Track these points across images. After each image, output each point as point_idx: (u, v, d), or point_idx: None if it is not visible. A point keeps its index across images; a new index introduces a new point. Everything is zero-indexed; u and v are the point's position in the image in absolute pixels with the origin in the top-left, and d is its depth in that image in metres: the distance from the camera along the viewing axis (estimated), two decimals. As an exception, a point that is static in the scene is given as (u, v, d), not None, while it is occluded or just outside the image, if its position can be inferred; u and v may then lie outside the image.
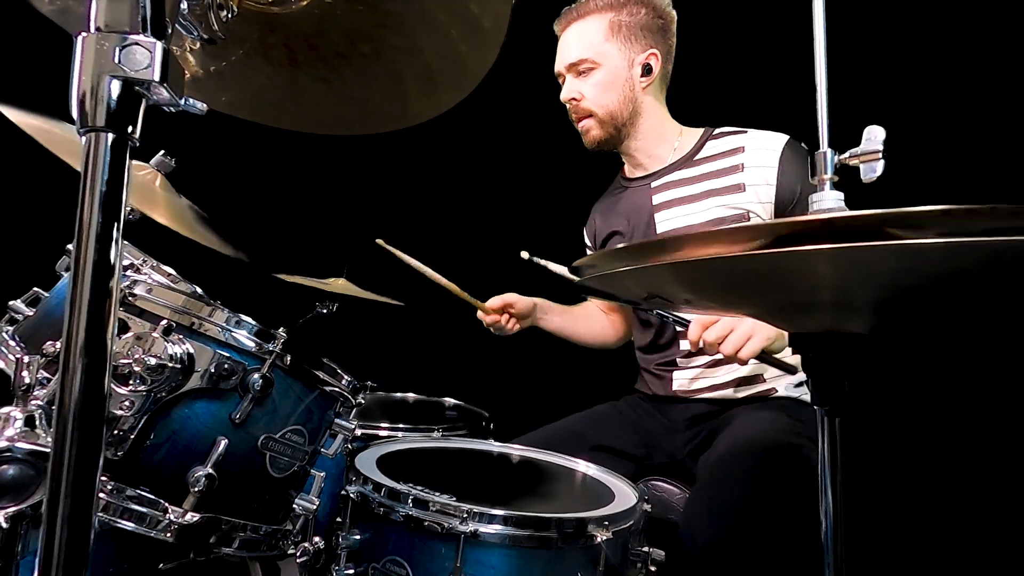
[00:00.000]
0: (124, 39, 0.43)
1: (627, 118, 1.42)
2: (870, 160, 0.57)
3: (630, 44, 1.38)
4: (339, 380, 0.96)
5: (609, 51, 1.38)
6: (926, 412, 1.82)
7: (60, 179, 0.79)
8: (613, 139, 1.44)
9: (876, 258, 0.43)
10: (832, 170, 0.59)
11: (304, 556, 0.97)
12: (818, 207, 0.58)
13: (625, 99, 1.40)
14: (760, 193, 1.30)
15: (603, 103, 1.40)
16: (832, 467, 0.62)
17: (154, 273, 0.94)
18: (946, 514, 1.80)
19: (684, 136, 1.45)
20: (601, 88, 1.40)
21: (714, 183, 1.35)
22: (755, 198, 1.30)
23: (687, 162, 1.41)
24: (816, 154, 0.60)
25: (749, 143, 1.35)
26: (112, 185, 0.43)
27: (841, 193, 0.58)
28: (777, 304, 0.61)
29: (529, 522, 0.84)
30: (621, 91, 1.40)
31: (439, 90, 0.75)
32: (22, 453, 0.66)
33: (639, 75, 1.39)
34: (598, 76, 1.39)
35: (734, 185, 1.33)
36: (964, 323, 1.43)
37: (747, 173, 1.32)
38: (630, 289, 0.65)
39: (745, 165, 1.32)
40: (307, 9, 0.66)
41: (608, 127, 1.43)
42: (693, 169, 1.39)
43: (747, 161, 1.33)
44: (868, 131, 0.58)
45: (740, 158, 1.34)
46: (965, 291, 0.51)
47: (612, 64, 1.39)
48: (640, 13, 1.38)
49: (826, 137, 0.60)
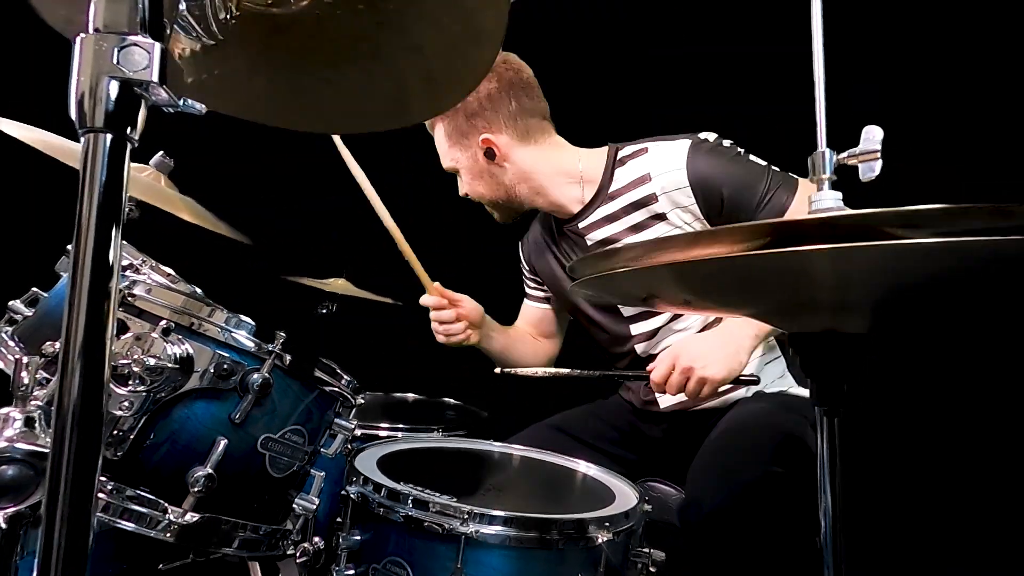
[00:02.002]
0: (123, 40, 0.43)
1: (507, 195, 1.43)
2: (868, 160, 0.58)
3: (465, 140, 1.39)
4: (339, 380, 0.96)
5: (455, 155, 1.42)
6: (925, 412, 1.82)
7: (59, 179, 0.79)
8: (516, 210, 1.47)
9: (875, 258, 0.43)
10: (831, 170, 0.59)
11: (304, 556, 0.97)
12: (817, 207, 0.58)
13: (494, 185, 1.42)
14: (681, 216, 1.28)
15: (480, 194, 1.45)
16: (831, 467, 0.62)
17: (153, 273, 0.94)
18: (946, 514, 1.79)
19: (586, 163, 1.39)
20: (472, 184, 1.44)
21: (635, 218, 1.33)
22: (680, 222, 1.29)
23: (603, 198, 1.37)
24: (815, 154, 0.60)
25: (653, 167, 1.31)
26: (111, 186, 0.43)
27: (839, 193, 0.58)
28: (777, 304, 0.61)
29: (530, 523, 0.84)
30: (485, 180, 1.42)
31: (440, 89, 0.75)
32: (21, 453, 0.66)
33: (487, 161, 1.39)
34: (464, 175, 1.44)
35: (654, 216, 1.31)
36: (963, 323, 1.43)
37: (661, 201, 1.29)
38: (629, 290, 0.65)
39: (657, 194, 1.29)
40: (307, 9, 0.66)
41: (503, 208, 1.47)
42: (610, 205, 1.37)
43: (657, 189, 1.29)
44: (866, 131, 0.58)
45: (649, 188, 1.31)
46: (964, 291, 0.51)
47: (464, 164, 1.42)
48: (459, 113, 1.38)
49: (824, 137, 0.60)
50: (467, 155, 1.41)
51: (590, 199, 1.39)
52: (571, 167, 1.40)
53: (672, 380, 1.13)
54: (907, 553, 1.81)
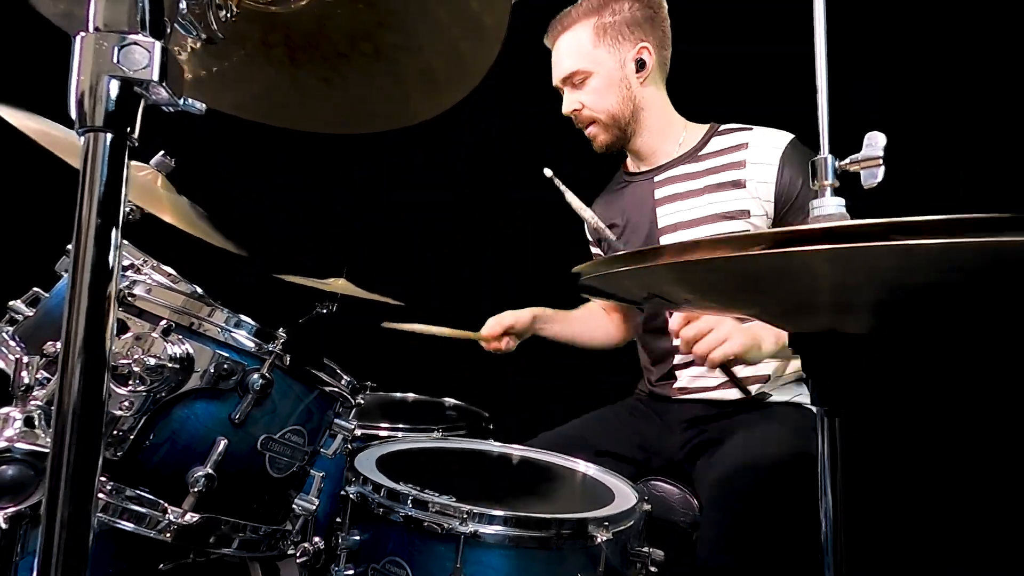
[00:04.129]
0: (123, 39, 0.43)
1: (630, 117, 1.42)
2: (871, 166, 0.57)
3: (619, 43, 1.38)
4: (339, 380, 0.96)
5: (600, 56, 1.38)
6: (926, 412, 1.82)
7: (60, 179, 0.79)
8: (620, 140, 1.45)
9: (876, 259, 0.43)
10: (833, 176, 0.59)
11: (304, 556, 0.97)
12: (819, 213, 0.58)
13: (624, 99, 1.40)
14: (759, 191, 1.30)
15: (604, 108, 1.41)
16: (832, 468, 0.62)
17: (154, 273, 0.94)
18: (946, 514, 1.79)
19: (689, 131, 1.44)
20: (599, 94, 1.40)
21: (716, 178, 1.35)
22: (755, 195, 1.30)
23: (691, 157, 1.41)
24: (817, 160, 0.60)
25: (753, 140, 1.34)
26: (111, 185, 0.43)
27: (842, 199, 0.58)
28: (777, 304, 0.61)
29: (529, 523, 0.84)
30: (619, 92, 1.40)
31: (440, 89, 0.75)
32: (21, 453, 0.66)
33: (634, 72, 1.39)
34: (594, 83, 1.40)
35: (734, 181, 1.32)
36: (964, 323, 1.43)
37: (748, 170, 1.32)
38: (630, 289, 0.65)
39: (747, 162, 1.32)
40: (307, 8, 0.66)
41: (613, 130, 1.43)
42: (696, 164, 1.39)
43: (749, 158, 1.32)
44: (869, 137, 0.58)
45: (743, 154, 1.34)
46: (965, 291, 0.51)
47: (605, 68, 1.38)
48: (624, 9, 1.38)
49: (827, 143, 0.60)
50: (613, 58, 1.38)
51: (679, 156, 1.42)
52: (678, 126, 1.44)
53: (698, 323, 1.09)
54: (907, 553, 1.81)
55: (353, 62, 0.71)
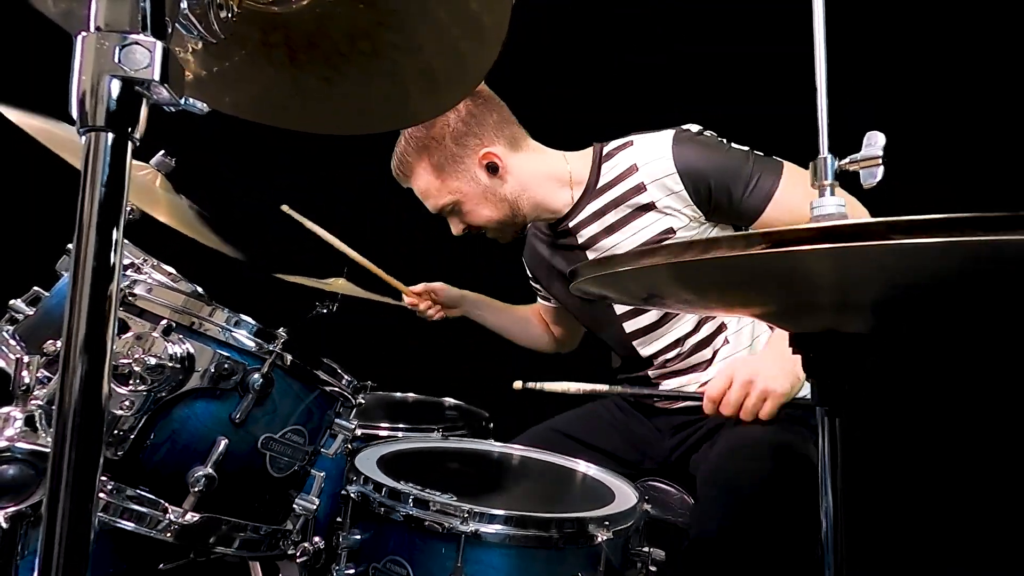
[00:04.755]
0: (124, 38, 0.43)
1: (511, 212, 1.39)
2: (870, 166, 0.57)
3: (459, 166, 1.35)
4: (339, 380, 0.96)
5: (452, 186, 1.36)
6: (926, 412, 1.82)
7: (60, 179, 0.79)
8: (519, 228, 1.44)
9: (876, 259, 0.43)
10: (832, 176, 0.58)
11: (304, 556, 0.97)
12: (819, 213, 0.58)
13: (498, 204, 1.38)
14: (671, 203, 1.27)
15: (485, 219, 1.39)
16: (832, 467, 0.62)
17: (154, 273, 0.94)
18: (946, 514, 1.79)
19: (573, 164, 1.39)
20: (474, 213, 1.39)
21: (625, 208, 1.31)
22: (670, 209, 1.27)
23: (592, 193, 1.36)
24: (817, 159, 0.59)
25: (639, 157, 1.30)
26: (112, 185, 0.43)
27: (842, 199, 0.58)
28: (777, 304, 0.61)
29: (529, 522, 0.84)
30: (489, 202, 1.37)
31: (440, 89, 0.75)
32: (22, 453, 0.66)
33: (488, 178, 1.36)
34: (464, 207, 1.38)
35: (644, 205, 1.29)
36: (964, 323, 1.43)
37: (650, 190, 1.27)
38: (630, 289, 0.65)
39: (645, 184, 1.28)
40: (307, 8, 0.66)
41: (507, 229, 1.42)
42: (600, 199, 1.35)
43: (645, 179, 1.28)
44: (868, 137, 0.58)
45: (637, 178, 1.29)
46: (965, 291, 0.51)
47: (464, 191, 1.36)
48: (444, 137, 1.33)
49: (826, 142, 0.60)
50: (466, 179, 1.36)
51: (579, 198, 1.38)
52: (560, 169, 1.39)
53: (731, 396, 1.05)
54: (907, 553, 1.81)
55: (353, 62, 0.71)
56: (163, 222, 1.06)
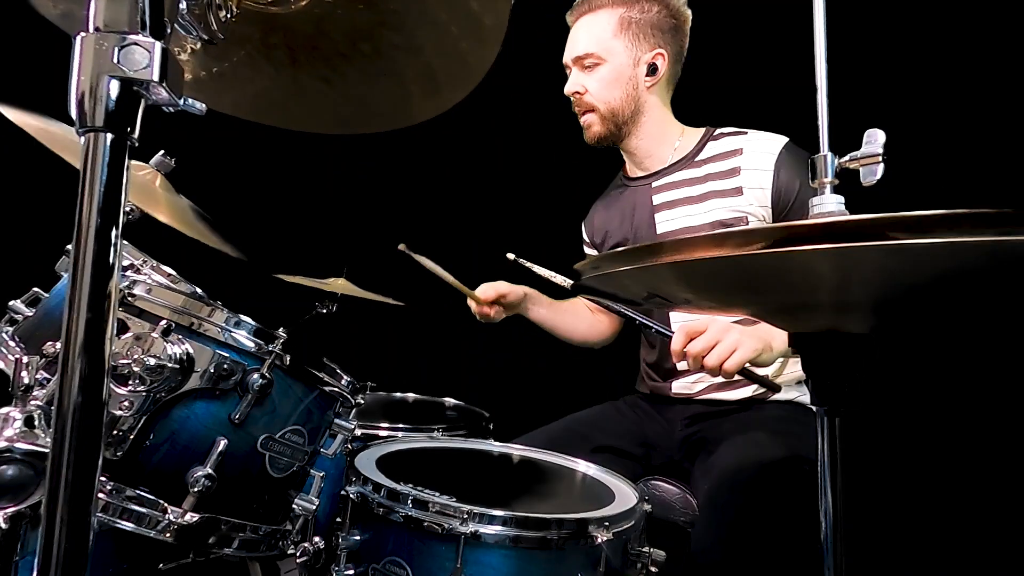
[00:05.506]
0: (123, 39, 0.43)
1: (629, 116, 1.41)
2: (870, 163, 0.57)
3: (638, 42, 1.37)
4: (339, 380, 0.96)
5: (616, 47, 1.37)
6: (926, 412, 1.82)
7: (60, 179, 0.79)
8: (613, 136, 1.44)
9: (876, 258, 0.43)
10: (832, 173, 0.59)
11: (304, 556, 0.97)
12: (819, 211, 0.58)
13: (628, 97, 1.39)
14: (757, 196, 1.30)
15: (606, 99, 1.40)
16: (832, 468, 0.62)
17: (154, 273, 0.94)
18: (946, 514, 1.79)
19: (685, 136, 1.44)
20: (605, 84, 1.39)
21: (713, 185, 1.35)
22: (753, 201, 1.30)
23: (687, 163, 1.41)
24: (816, 157, 0.60)
25: (747, 145, 1.34)
26: (111, 185, 0.43)
27: (841, 197, 0.58)
28: (777, 304, 0.61)
29: (529, 523, 0.84)
30: (624, 89, 1.39)
31: (440, 89, 0.75)
32: (21, 453, 0.66)
33: (643, 74, 1.39)
34: (603, 72, 1.38)
35: (732, 188, 1.32)
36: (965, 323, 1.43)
37: (744, 176, 1.31)
38: (630, 289, 0.65)
39: (743, 168, 1.32)
40: (307, 9, 0.66)
41: (609, 124, 1.42)
42: (693, 170, 1.39)
43: (744, 164, 1.32)
44: (868, 134, 0.58)
45: (738, 161, 1.33)
46: (966, 291, 0.51)
47: (618, 61, 1.38)
48: (652, 11, 1.37)
49: (826, 140, 0.60)
50: (627, 54, 1.37)
51: (674, 161, 1.42)
52: (674, 132, 1.45)
53: (704, 337, 1.06)
54: (907, 553, 1.81)
55: (353, 62, 0.71)
56: (163, 222, 1.06)
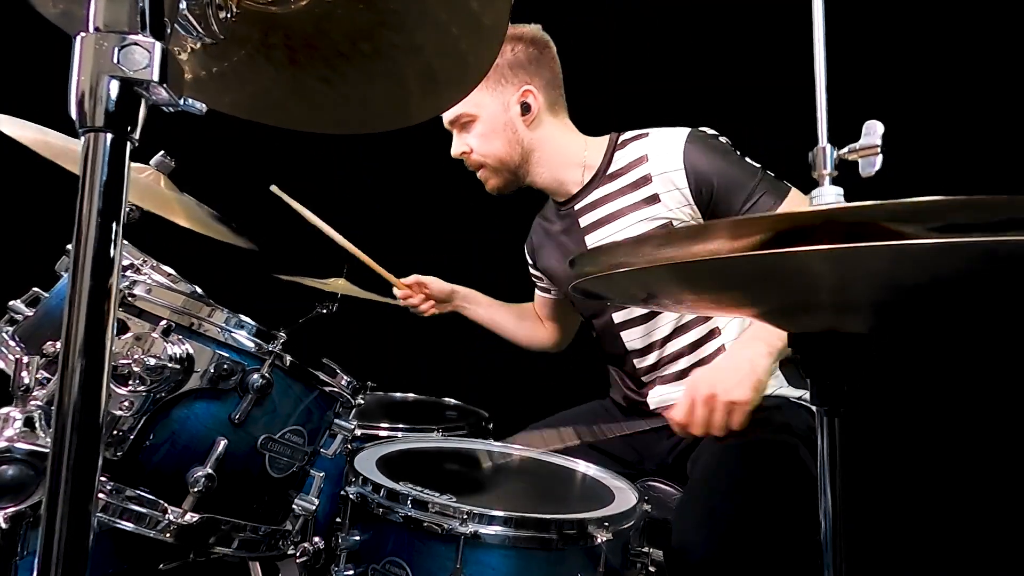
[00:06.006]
0: (123, 39, 0.43)
1: (519, 160, 1.39)
2: (869, 155, 0.57)
3: (501, 87, 1.34)
4: (339, 380, 0.96)
5: (483, 100, 1.35)
6: (926, 412, 1.82)
7: (59, 179, 0.79)
8: (513, 182, 1.43)
9: (876, 258, 0.43)
10: (831, 165, 0.59)
11: (304, 556, 0.97)
12: (818, 202, 0.58)
13: (511, 143, 1.37)
14: (675, 199, 1.27)
15: (491, 152, 1.38)
16: (832, 467, 0.62)
17: (154, 273, 0.94)
18: (947, 514, 1.79)
19: (590, 150, 1.40)
20: (485, 139, 1.37)
21: (630, 198, 1.32)
22: (672, 205, 1.28)
23: (600, 179, 1.38)
24: (815, 149, 0.60)
25: (651, 150, 1.31)
26: (111, 185, 0.43)
27: (840, 188, 0.58)
28: (777, 304, 0.61)
29: (529, 523, 0.84)
30: (505, 136, 1.37)
31: (440, 88, 0.75)
32: (21, 453, 0.66)
33: (519, 115, 1.36)
34: (479, 128, 1.37)
35: (648, 198, 1.30)
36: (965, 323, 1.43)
37: (656, 183, 1.29)
38: (628, 289, 0.65)
39: (652, 175, 1.29)
40: (307, 8, 0.66)
41: (503, 174, 1.41)
42: (607, 186, 1.36)
43: (653, 170, 1.29)
44: (867, 126, 0.58)
45: (645, 168, 1.31)
46: (966, 291, 0.51)
47: (488, 112, 1.36)
48: (507, 53, 1.34)
49: (825, 132, 0.60)
50: (496, 103, 1.35)
51: (588, 181, 1.40)
52: (578, 150, 1.41)
53: (697, 416, 1.03)
54: (907, 553, 1.81)
55: (353, 62, 0.71)
56: (166, 222, 1.06)
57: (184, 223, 1.07)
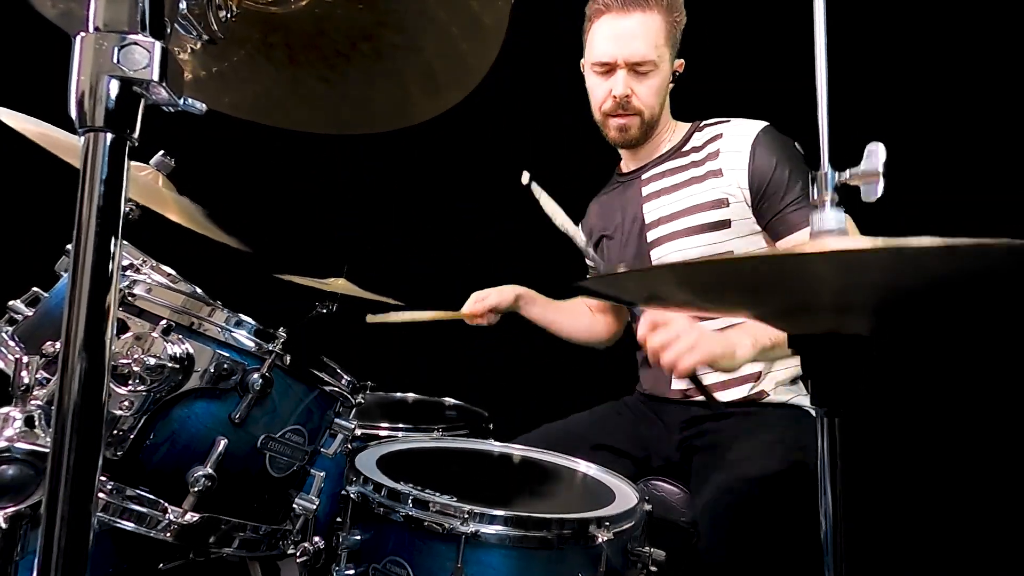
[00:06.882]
0: (123, 39, 0.43)
1: (659, 120, 1.44)
2: (871, 181, 0.56)
3: (673, 50, 1.40)
4: (339, 380, 0.96)
5: (664, 55, 1.38)
6: (927, 414, 1.82)
7: (60, 179, 0.79)
8: (643, 137, 1.45)
9: (875, 260, 0.43)
10: (832, 190, 0.57)
11: (304, 556, 0.97)
12: (819, 228, 0.57)
13: (662, 104, 1.43)
14: (736, 177, 1.32)
15: (652, 106, 1.40)
16: (832, 469, 0.62)
17: (153, 273, 0.94)
18: (947, 515, 1.79)
19: (675, 131, 1.48)
20: (654, 92, 1.39)
21: (695, 171, 1.38)
22: (732, 182, 1.32)
23: (674, 154, 1.45)
24: (817, 174, 0.58)
25: (727, 130, 1.38)
26: (111, 185, 0.43)
27: (843, 214, 0.57)
28: (777, 306, 0.61)
29: (530, 523, 0.84)
30: (662, 96, 1.42)
31: (440, 89, 0.75)
32: (21, 453, 0.66)
33: (669, 80, 1.42)
34: (654, 80, 1.37)
35: (712, 171, 1.35)
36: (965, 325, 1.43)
37: (723, 158, 1.34)
38: (631, 290, 0.65)
39: (722, 151, 1.35)
40: (307, 8, 0.66)
41: (646, 128, 1.43)
42: (678, 159, 1.43)
43: (723, 147, 1.35)
44: (869, 149, 0.56)
45: (717, 144, 1.37)
46: (966, 293, 0.51)
47: (665, 68, 1.39)
48: (682, 18, 1.39)
49: (827, 155, 0.59)
50: (668, 62, 1.39)
51: (664, 152, 1.46)
52: (667, 130, 1.48)
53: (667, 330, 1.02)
54: (907, 553, 1.81)
55: (353, 62, 0.71)
56: (166, 222, 1.06)
57: (183, 222, 1.06)
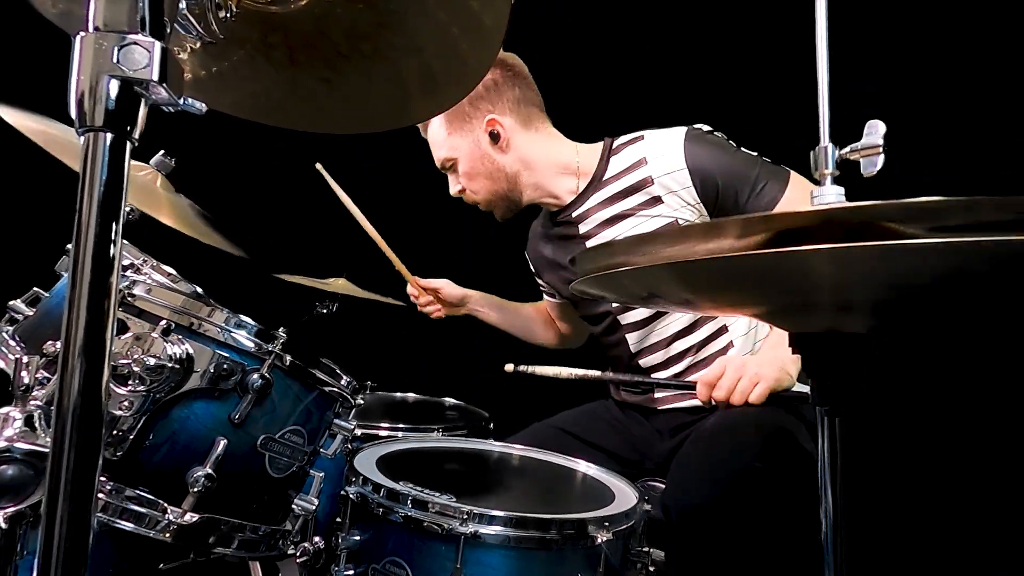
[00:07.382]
0: (123, 39, 0.43)
1: (507, 186, 1.41)
2: (871, 154, 0.57)
3: (468, 124, 1.38)
4: (338, 380, 0.96)
5: (455, 143, 1.39)
6: (927, 412, 1.82)
7: (60, 179, 0.79)
8: (511, 208, 1.45)
9: (877, 258, 0.43)
10: (833, 165, 0.59)
11: (304, 556, 0.97)
12: (819, 202, 0.58)
13: (493, 174, 1.40)
14: (681, 197, 1.28)
15: (478, 188, 1.42)
16: (832, 467, 0.62)
17: (154, 273, 0.94)
18: (947, 514, 1.79)
19: (583, 156, 1.41)
20: (470, 177, 1.41)
21: (629, 202, 1.33)
22: (676, 205, 1.28)
23: (597, 185, 1.38)
24: (817, 149, 0.60)
25: (649, 152, 1.32)
26: (111, 185, 0.43)
27: (842, 188, 0.58)
28: (777, 304, 0.61)
29: (529, 523, 0.84)
30: (485, 170, 1.40)
31: (440, 89, 0.75)
32: (21, 453, 0.66)
33: (490, 145, 1.38)
34: (462, 168, 1.41)
35: (650, 200, 1.30)
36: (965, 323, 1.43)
37: (658, 184, 1.29)
38: (629, 288, 0.65)
39: (653, 177, 1.29)
40: (307, 8, 0.66)
41: (500, 203, 1.44)
42: (605, 190, 1.36)
43: (653, 172, 1.30)
44: (869, 125, 0.58)
45: (645, 171, 1.31)
46: (966, 290, 0.51)
47: (464, 152, 1.39)
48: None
49: (827, 131, 0.60)
50: (468, 141, 1.38)
51: (584, 188, 1.39)
52: (568, 158, 1.41)
53: (724, 380, 1.09)
54: (907, 553, 1.81)
55: (353, 62, 0.71)
56: (164, 223, 1.06)
57: (174, 225, 1.06)
